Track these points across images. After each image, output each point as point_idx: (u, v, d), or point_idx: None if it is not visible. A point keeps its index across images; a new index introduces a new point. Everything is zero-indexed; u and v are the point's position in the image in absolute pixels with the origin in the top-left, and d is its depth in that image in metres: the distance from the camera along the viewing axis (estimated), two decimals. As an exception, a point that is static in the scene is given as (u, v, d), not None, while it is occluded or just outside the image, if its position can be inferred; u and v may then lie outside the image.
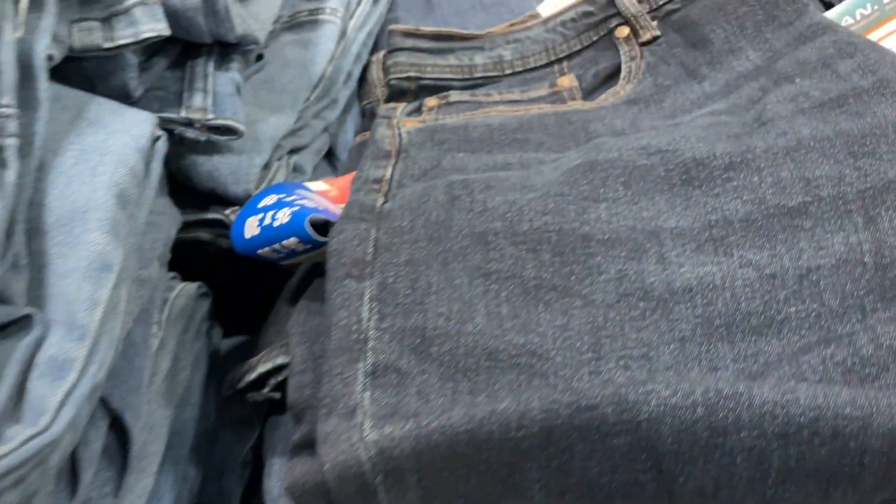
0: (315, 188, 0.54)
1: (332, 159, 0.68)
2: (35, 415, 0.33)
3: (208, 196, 0.55)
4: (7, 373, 0.34)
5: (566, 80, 0.63)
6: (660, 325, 0.39)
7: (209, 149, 0.53)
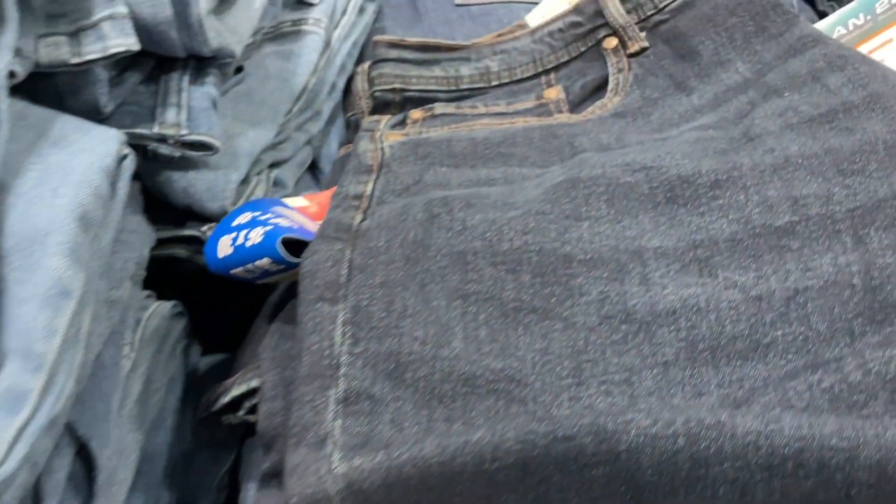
0: (294, 204, 0.53)
1: (315, 172, 0.67)
2: (-14, 451, 0.32)
3: (184, 212, 0.53)
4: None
5: (553, 92, 0.62)
6: (642, 349, 0.38)
7: (184, 165, 0.52)
